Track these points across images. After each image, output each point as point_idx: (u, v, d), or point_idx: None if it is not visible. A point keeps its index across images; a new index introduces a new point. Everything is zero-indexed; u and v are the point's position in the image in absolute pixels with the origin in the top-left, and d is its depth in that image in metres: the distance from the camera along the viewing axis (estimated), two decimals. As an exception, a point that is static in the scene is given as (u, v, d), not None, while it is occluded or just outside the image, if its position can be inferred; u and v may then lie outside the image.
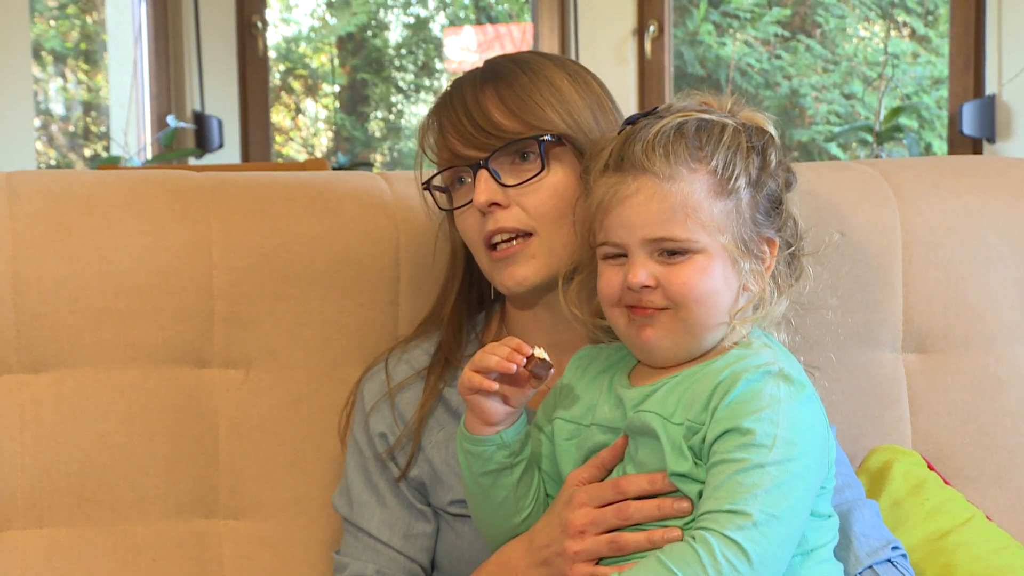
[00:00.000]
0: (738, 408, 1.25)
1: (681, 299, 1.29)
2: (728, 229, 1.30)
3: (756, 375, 1.27)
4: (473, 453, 1.36)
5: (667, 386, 1.32)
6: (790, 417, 1.25)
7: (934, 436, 1.75)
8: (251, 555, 1.63)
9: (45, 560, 1.57)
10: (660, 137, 1.31)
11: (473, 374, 1.31)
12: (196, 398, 1.63)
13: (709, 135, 1.32)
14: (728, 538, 1.20)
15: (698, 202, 1.29)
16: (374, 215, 1.67)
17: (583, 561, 1.31)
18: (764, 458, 1.23)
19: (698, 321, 1.30)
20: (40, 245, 1.59)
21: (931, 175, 1.80)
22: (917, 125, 5.25)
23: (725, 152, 1.31)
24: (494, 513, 1.39)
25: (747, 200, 1.32)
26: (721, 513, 1.22)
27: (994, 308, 1.76)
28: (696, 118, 1.33)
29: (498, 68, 1.48)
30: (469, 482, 1.39)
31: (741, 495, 1.22)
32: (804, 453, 1.25)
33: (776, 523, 1.22)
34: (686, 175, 1.30)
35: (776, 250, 1.34)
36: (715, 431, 1.25)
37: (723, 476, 1.23)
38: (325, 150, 6.53)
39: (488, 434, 1.34)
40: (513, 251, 1.44)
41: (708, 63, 5.73)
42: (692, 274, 1.29)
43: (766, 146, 1.34)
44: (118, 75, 4.96)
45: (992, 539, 1.61)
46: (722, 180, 1.30)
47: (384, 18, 6.54)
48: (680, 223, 1.29)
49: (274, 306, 1.64)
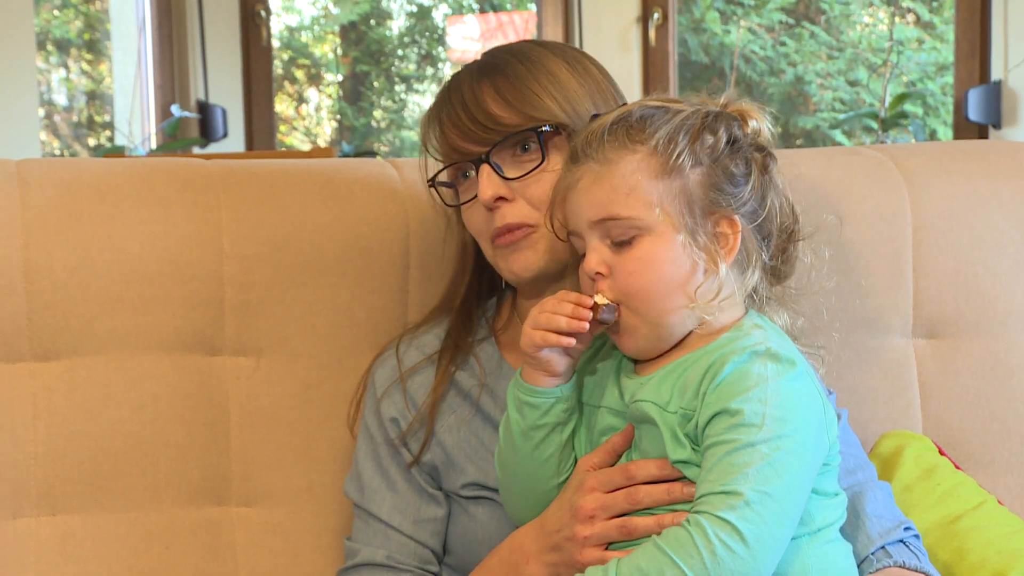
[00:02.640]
0: (726, 390, 1.25)
1: (626, 290, 1.30)
2: (673, 207, 1.30)
3: (743, 356, 1.27)
4: (532, 404, 1.36)
5: (661, 374, 1.32)
6: (779, 395, 1.25)
7: (945, 421, 1.75)
8: (263, 542, 1.63)
9: (59, 547, 1.58)
10: (600, 127, 1.34)
11: (543, 333, 1.32)
12: (207, 386, 1.63)
13: (652, 120, 1.33)
14: (721, 519, 1.21)
15: (637, 181, 1.31)
16: (384, 202, 1.67)
17: (593, 546, 1.32)
18: (754, 437, 1.23)
19: (649, 310, 1.31)
20: (51, 233, 1.59)
21: (941, 160, 1.80)
22: (922, 112, 5.24)
23: (668, 132, 1.32)
24: (535, 473, 1.39)
25: (696, 179, 1.31)
26: (714, 495, 1.22)
27: (1005, 293, 1.76)
28: (645, 107, 1.35)
29: (495, 60, 1.48)
30: (517, 438, 1.38)
31: (732, 475, 1.22)
32: (796, 430, 1.25)
33: (770, 501, 1.21)
34: (626, 156, 1.32)
35: (738, 229, 1.32)
36: (705, 415, 1.26)
37: (715, 458, 1.24)
38: (329, 139, 6.53)
39: (550, 386, 1.36)
40: (515, 237, 1.45)
41: (712, 50, 5.72)
42: (638, 264, 1.30)
43: (722, 126, 1.34)
44: (122, 64, 4.95)
45: (1004, 523, 1.61)
46: (662, 159, 1.31)
47: (387, 7, 6.54)
48: (620, 202, 1.30)
49: (285, 294, 1.64)
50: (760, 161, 1.36)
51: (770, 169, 1.37)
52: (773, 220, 1.36)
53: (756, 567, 1.21)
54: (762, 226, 1.35)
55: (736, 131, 1.35)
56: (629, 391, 1.34)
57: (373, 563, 1.52)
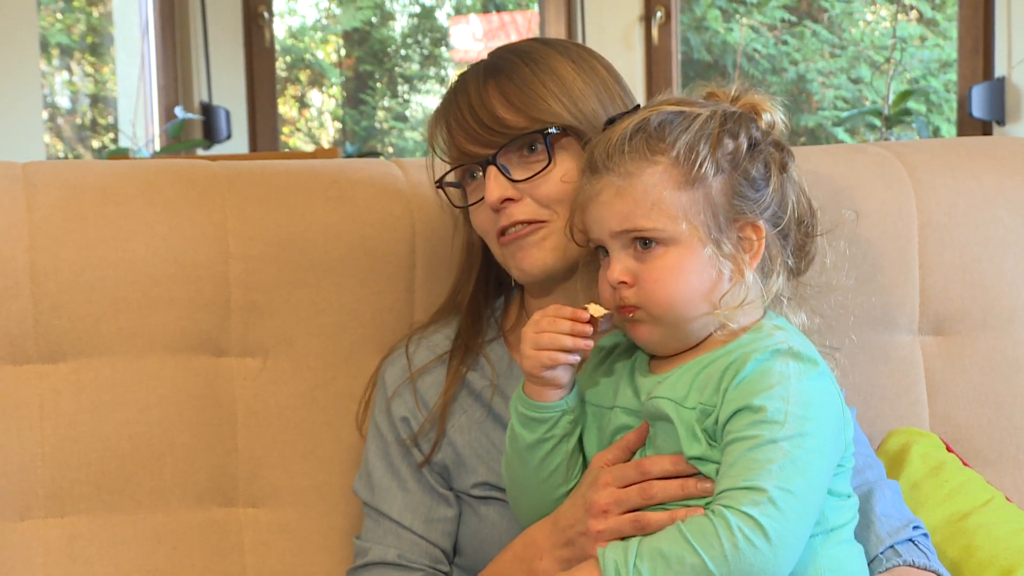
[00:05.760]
0: (748, 387, 1.25)
1: (648, 299, 1.30)
2: (698, 217, 1.30)
3: (765, 355, 1.27)
4: (540, 420, 1.36)
5: (679, 371, 1.32)
6: (801, 393, 1.25)
7: (952, 418, 1.75)
8: (271, 543, 1.63)
9: (66, 549, 1.58)
10: (620, 137, 1.33)
11: (550, 353, 1.32)
12: (214, 387, 1.63)
13: (671, 128, 1.32)
14: (745, 513, 1.21)
15: (659, 194, 1.30)
16: (389, 202, 1.67)
17: (606, 540, 1.32)
18: (776, 434, 1.23)
19: (672, 318, 1.31)
20: (57, 235, 1.59)
21: (946, 157, 1.80)
22: (925, 109, 5.24)
23: (688, 141, 1.31)
24: (544, 483, 1.39)
25: (719, 187, 1.31)
26: (737, 490, 1.22)
27: (1011, 289, 1.76)
28: (662, 112, 1.34)
29: (500, 61, 1.48)
30: (524, 451, 1.38)
31: (755, 471, 1.22)
32: (817, 428, 1.25)
33: (792, 498, 1.22)
34: (646, 168, 1.31)
35: (762, 234, 1.33)
36: (727, 411, 1.26)
37: (737, 453, 1.24)
38: (332, 140, 6.54)
39: (556, 399, 1.36)
40: (522, 233, 1.45)
41: (715, 49, 5.72)
42: (663, 273, 1.30)
43: (741, 130, 1.33)
44: (125, 67, 4.96)
45: (1012, 520, 1.61)
46: (685, 169, 1.30)
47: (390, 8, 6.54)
48: (643, 215, 1.30)
49: (290, 294, 1.64)
50: (779, 160, 1.36)
51: (788, 167, 1.37)
52: (792, 218, 1.36)
53: (777, 564, 1.21)
54: (784, 226, 1.35)
55: (754, 132, 1.34)
56: (645, 389, 1.34)
57: (384, 562, 1.52)
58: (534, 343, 1.33)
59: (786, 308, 1.38)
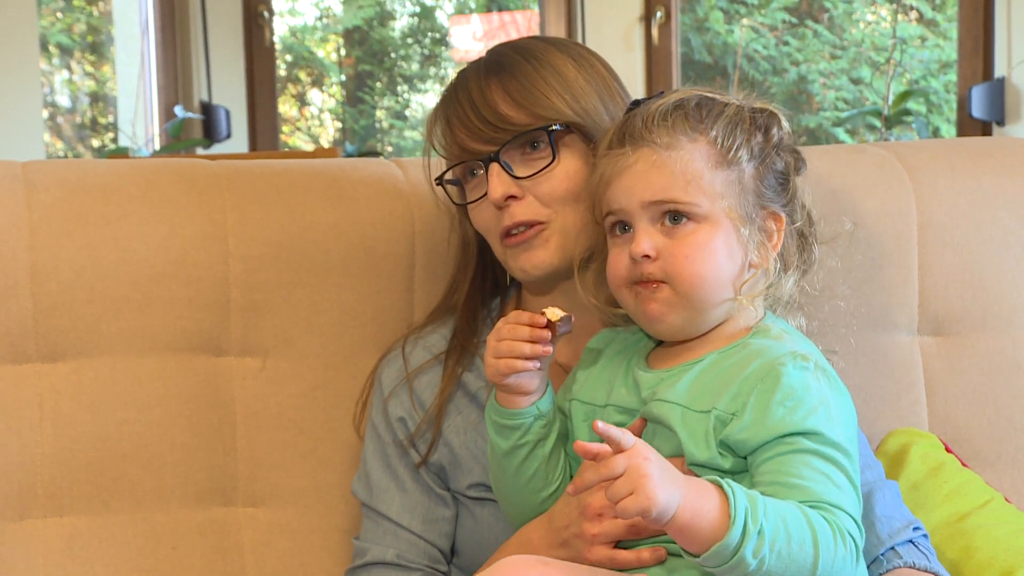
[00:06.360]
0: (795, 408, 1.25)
1: (677, 274, 1.30)
2: (730, 198, 1.31)
3: (793, 369, 1.27)
4: (512, 427, 1.37)
5: (688, 374, 1.32)
6: (840, 412, 1.28)
7: (951, 419, 1.75)
8: (270, 542, 1.63)
9: (66, 548, 1.58)
10: (660, 110, 1.33)
11: (508, 361, 1.32)
12: (214, 386, 1.63)
13: (709, 110, 1.34)
14: (848, 532, 1.22)
15: (698, 169, 1.31)
16: (389, 202, 1.67)
17: (601, 544, 1.32)
18: (838, 457, 1.25)
19: (698, 297, 1.31)
20: (57, 235, 1.59)
21: (946, 157, 1.80)
22: (925, 109, 5.24)
23: (725, 125, 1.33)
24: (524, 488, 1.39)
25: (750, 173, 1.33)
26: (832, 507, 1.23)
27: (1011, 290, 1.76)
28: (697, 95, 1.35)
29: (502, 59, 1.48)
30: (501, 458, 1.39)
31: (834, 491, 1.23)
32: (854, 444, 1.28)
33: (856, 520, 1.24)
34: (686, 143, 1.32)
35: (783, 226, 1.35)
36: (773, 431, 1.25)
37: (804, 470, 1.23)
38: (331, 140, 6.53)
39: (525, 406, 1.36)
40: (527, 236, 1.45)
41: (715, 49, 5.72)
42: (694, 249, 1.30)
43: (770, 123, 1.36)
44: (125, 66, 4.96)
45: (1011, 521, 1.61)
46: (722, 151, 1.32)
47: (390, 7, 6.54)
48: (681, 188, 1.30)
49: (290, 294, 1.64)
50: (794, 164, 1.38)
51: (801, 171, 1.39)
52: (805, 220, 1.38)
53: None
54: (799, 225, 1.37)
55: (775, 128, 1.36)
56: (646, 385, 1.34)
57: (383, 562, 1.52)
58: (494, 351, 1.33)
59: (783, 311, 1.38)
